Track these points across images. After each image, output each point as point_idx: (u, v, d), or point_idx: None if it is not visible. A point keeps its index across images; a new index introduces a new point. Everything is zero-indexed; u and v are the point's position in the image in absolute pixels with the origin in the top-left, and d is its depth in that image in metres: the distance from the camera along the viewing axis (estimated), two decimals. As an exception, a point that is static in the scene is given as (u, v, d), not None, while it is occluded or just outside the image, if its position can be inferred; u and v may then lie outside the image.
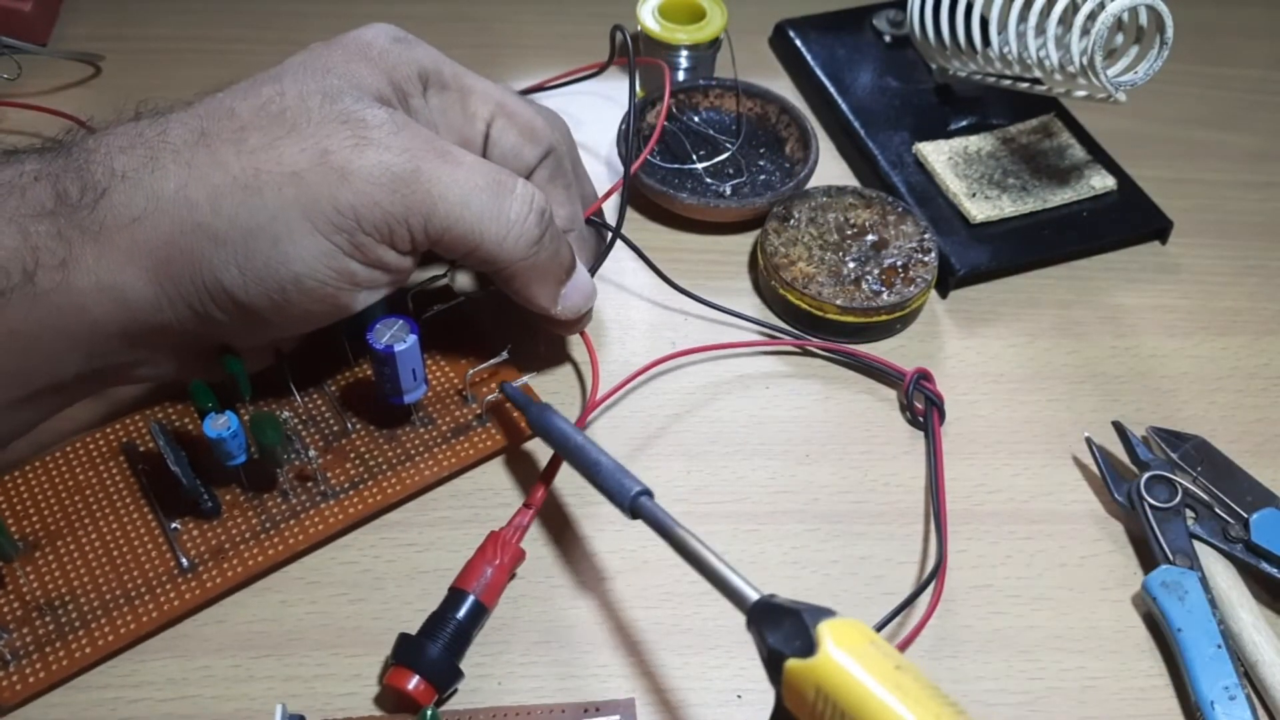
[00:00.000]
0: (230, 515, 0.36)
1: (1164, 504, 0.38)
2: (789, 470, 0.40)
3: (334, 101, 0.33)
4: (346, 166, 0.32)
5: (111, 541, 0.36)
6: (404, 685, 0.32)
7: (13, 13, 0.51)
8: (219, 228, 0.32)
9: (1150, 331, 0.46)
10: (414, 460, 0.38)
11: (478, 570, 0.35)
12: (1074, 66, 0.42)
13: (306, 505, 0.37)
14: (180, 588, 0.35)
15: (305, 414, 0.39)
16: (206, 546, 0.36)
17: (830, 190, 0.47)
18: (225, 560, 0.35)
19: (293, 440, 0.38)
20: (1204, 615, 0.36)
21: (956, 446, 0.41)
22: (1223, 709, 0.34)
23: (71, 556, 0.35)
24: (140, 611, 0.34)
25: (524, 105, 0.38)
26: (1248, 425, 0.43)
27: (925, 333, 0.45)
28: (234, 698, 0.34)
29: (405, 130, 0.33)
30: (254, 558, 0.36)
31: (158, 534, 0.36)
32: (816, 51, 0.55)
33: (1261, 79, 0.58)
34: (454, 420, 0.40)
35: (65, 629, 0.34)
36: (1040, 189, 0.49)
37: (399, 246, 0.34)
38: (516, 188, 0.35)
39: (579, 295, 0.39)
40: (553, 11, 0.58)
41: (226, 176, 0.32)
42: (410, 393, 0.37)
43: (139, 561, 0.35)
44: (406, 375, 0.37)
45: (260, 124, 0.33)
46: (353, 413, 0.39)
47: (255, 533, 0.36)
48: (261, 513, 0.37)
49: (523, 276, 0.36)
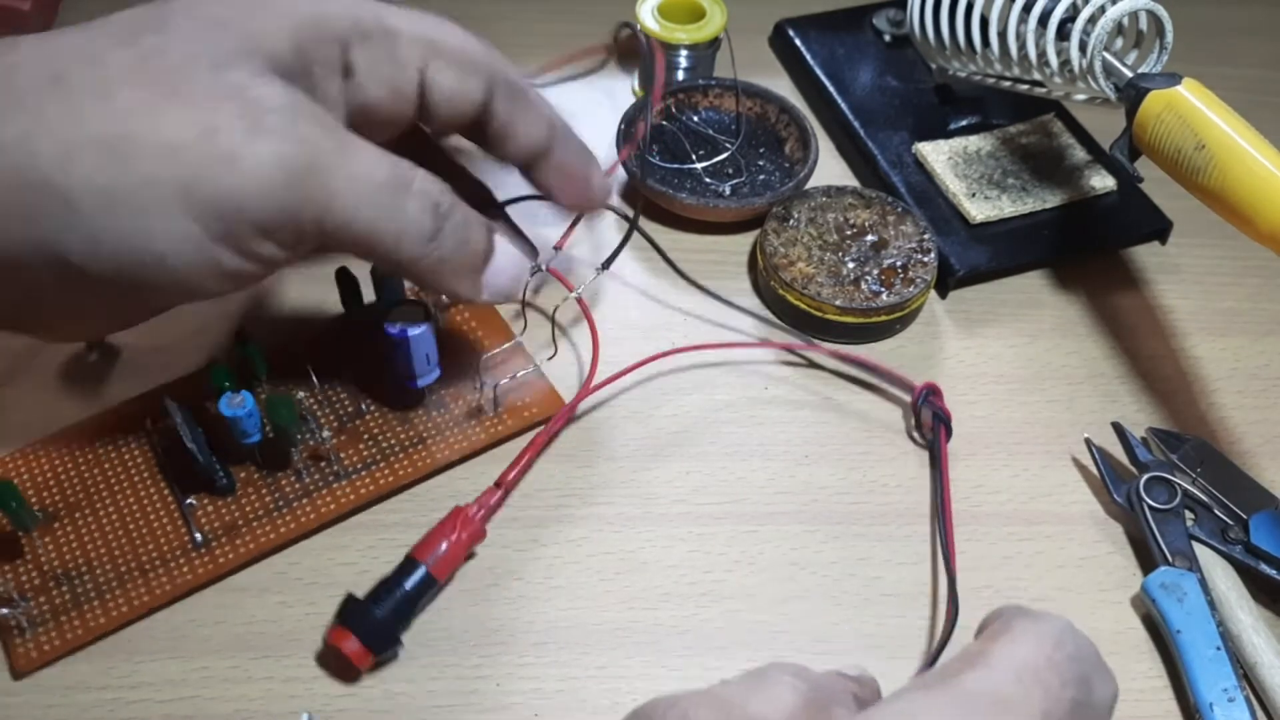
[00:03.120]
0: (244, 493, 0.37)
1: (1163, 505, 0.38)
2: (788, 471, 0.40)
3: (224, 70, 0.29)
4: (236, 151, 0.29)
5: (128, 515, 0.36)
6: (341, 645, 0.33)
7: (11, 12, 0.51)
8: (70, 188, 0.28)
9: (1150, 332, 0.46)
10: (426, 443, 0.39)
11: (434, 543, 0.35)
12: (1074, 69, 0.42)
13: (319, 484, 0.37)
14: (194, 562, 0.35)
15: (321, 395, 0.40)
16: (220, 522, 0.36)
17: (830, 190, 0.47)
18: (238, 536, 0.36)
19: (308, 420, 0.38)
20: (1203, 617, 0.36)
21: (956, 447, 0.41)
22: (1222, 711, 0.34)
23: (89, 528, 0.36)
24: (154, 584, 0.35)
25: (454, 34, 0.34)
26: (1247, 426, 0.43)
27: (925, 333, 0.45)
28: (232, 699, 0.34)
29: (302, 117, 0.30)
30: (266, 535, 0.36)
31: (173, 509, 0.37)
32: (816, 51, 0.55)
33: (1262, 79, 0.58)
34: (467, 405, 0.40)
35: (80, 599, 0.34)
36: (1040, 189, 0.49)
37: (281, 242, 0.31)
38: (414, 183, 0.32)
39: (504, 278, 0.35)
40: (553, 10, 0.58)
41: (83, 133, 0.28)
42: (423, 376, 0.38)
43: (154, 535, 0.36)
44: (420, 360, 0.37)
45: (134, 80, 0.29)
46: (367, 395, 0.40)
47: (269, 510, 0.37)
48: (275, 491, 0.37)
49: (429, 273, 0.33)
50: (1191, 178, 0.37)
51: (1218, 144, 0.36)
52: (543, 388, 0.41)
